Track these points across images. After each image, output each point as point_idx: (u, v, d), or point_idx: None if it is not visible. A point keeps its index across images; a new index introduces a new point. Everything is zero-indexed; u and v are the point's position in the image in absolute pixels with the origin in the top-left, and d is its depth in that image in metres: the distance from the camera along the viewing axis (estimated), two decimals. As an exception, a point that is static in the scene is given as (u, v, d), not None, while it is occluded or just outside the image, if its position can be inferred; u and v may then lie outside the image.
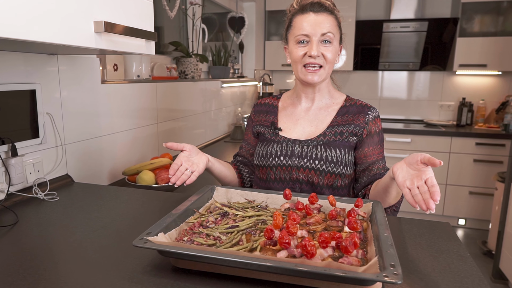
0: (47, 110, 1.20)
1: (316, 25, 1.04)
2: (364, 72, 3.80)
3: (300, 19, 1.06)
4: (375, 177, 1.07)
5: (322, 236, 0.66)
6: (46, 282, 0.67)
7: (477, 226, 3.21)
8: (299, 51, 1.06)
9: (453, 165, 3.13)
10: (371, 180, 1.08)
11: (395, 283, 0.55)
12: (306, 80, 1.07)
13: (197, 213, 0.88)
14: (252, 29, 3.38)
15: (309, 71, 1.05)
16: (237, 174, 1.24)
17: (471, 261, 0.76)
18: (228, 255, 0.63)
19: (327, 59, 1.05)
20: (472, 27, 3.23)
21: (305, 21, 1.05)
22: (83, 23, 0.83)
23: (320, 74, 1.06)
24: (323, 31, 1.04)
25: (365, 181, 1.08)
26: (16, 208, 1.04)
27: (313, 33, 1.04)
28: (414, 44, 3.40)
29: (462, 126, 3.36)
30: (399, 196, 0.99)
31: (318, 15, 1.05)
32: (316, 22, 1.04)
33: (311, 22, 1.04)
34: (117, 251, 0.79)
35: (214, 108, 2.61)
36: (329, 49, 1.05)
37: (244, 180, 1.25)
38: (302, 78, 1.08)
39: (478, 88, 3.49)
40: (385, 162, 1.11)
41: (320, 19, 1.05)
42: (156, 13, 2.03)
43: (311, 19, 1.05)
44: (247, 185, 1.27)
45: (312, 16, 1.05)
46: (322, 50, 1.04)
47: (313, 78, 1.06)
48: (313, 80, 1.06)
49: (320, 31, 1.04)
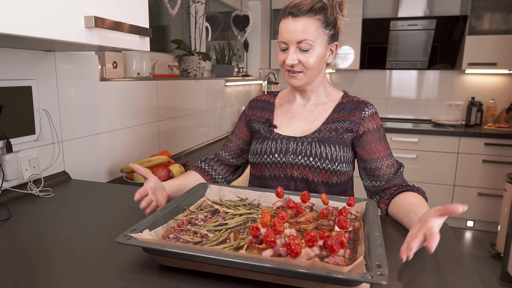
0: (44, 106, 1.21)
1: (292, 33, 1.00)
2: (371, 71, 3.75)
3: (281, 25, 1.04)
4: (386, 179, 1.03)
5: (308, 235, 0.64)
6: (29, 277, 0.66)
7: (485, 228, 3.15)
8: (280, 57, 1.06)
9: (461, 165, 3.07)
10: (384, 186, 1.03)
11: (380, 283, 0.53)
12: (289, 84, 1.08)
13: (187, 211, 0.87)
14: (257, 28, 3.36)
15: (290, 75, 1.05)
16: (207, 179, 1.18)
17: (466, 262, 0.73)
18: (211, 253, 0.61)
19: (306, 65, 1.02)
20: (482, 25, 3.16)
21: (283, 27, 1.03)
22: (73, 18, 0.82)
23: (300, 79, 1.05)
24: (299, 39, 1.00)
25: (379, 183, 1.04)
26: (10, 204, 1.04)
27: (289, 41, 1.02)
28: (422, 43, 3.34)
29: (471, 126, 3.30)
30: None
31: (296, 21, 1.01)
32: (294, 29, 1.00)
33: (289, 29, 1.01)
34: (104, 248, 0.78)
35: (217, 107, 2.60)
36: (307, 56, 1.01)
37: (216, 181, 1.20)
38: (287, 81, 1.09)
39: (487, 87, 3.42)
40: (393, 158, 1.07)
41: (297, 25, 1.00)
42: (162, 12, 2.04)
43: (289, 26, 1.01)
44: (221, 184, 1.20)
45: (290, 21, 1.01)
46: (299, 57, 1.02)
47: (295, 82, 1.06)
48: (295, 84, 1.06)
49: (295, 38, 1.00)
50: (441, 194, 3.13)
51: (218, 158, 1.22)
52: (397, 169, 1.04)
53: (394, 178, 1.03)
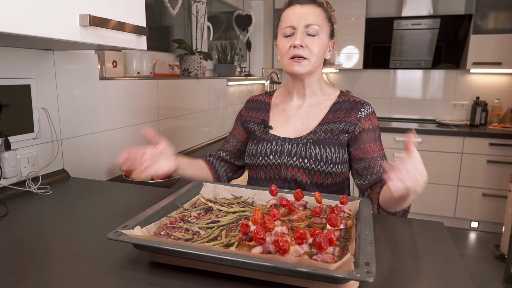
0: (43, 105, 1.22)
1: (301, 16, 1.03)
2: (374, 71, 3.73)
3: (287, 12, 1.06)
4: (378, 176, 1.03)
5: (298, 232, 0.64)
6: (21, 273, 0.67)
7: (490, 229, 3.11)
8: (285, 43, 1.05)
9: (465, 166, 3.04)
10: (375, 180, 1.03)
11: (367, 281, 0.53)
12: (292, 71, 1.04)
13: (180, 208, 0.87)
14: (260, 28, 3.36)
15: (295, 61, 1.03)
16: (212, 173, 1.21)
17: (459, 261, 0.72)
18: (200, 249, 0.61)
19: (312, 51, 1.03)
20: (487, 24, 3.13)
21: (290, 13, 1.05)
22: (68, 17, 0.83)
23: (304, 65, 1.03)
24: (308, 22, 1.02)
25: (369, 180, 1.04)
26: (8, 201, 1.05)
27: (297, 24, 1.02)
28: (427, 42, 3.32)
29: (476, 126, 3.26)
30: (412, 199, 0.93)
31: (304, 7, 1.04)
32: (301, 13, 1.03)
33: (296, 13, 1.04)
34: (97, 244, 0.79)
35: (219, 106, 2.61)
36: (314, 41, 1.03)
37: (220, 177, 1.22)
38: (288, 70, 1.05)
39: (492, 87, 3.38)
40: (387, 159, 1.06)
41: (305, 10, 1.04)
42: (165, 11, 2.04)
43: (296, 11, 1.04)
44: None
45: (298, 7, 1.05)
46: (307, 42, 1.02)
47: (298, 69, 1.03)
48: (298, 71, 1.03)
49: (304, 22, 1.02)
50: (445, 194, 3.10)
51: (219, 155, 1.24)
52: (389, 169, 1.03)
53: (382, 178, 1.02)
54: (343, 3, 3.42)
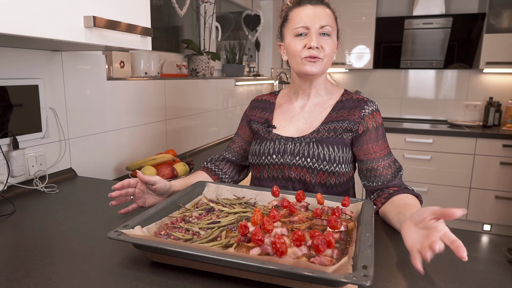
0: (51, 105, 1.24)
1: (315, 17, 1.02)
2: (385, 71, 3.68)
3: (298, 12, 1.05)
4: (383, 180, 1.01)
5: (296, 234, 0.63)
6: (24, 270, 0.68)
7: (503, 232, 3.04)
8: (297, 44, 1.03)
9: (478, 167, 2.98)
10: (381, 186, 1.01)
11: (363, 284, 0.52)
12: (305, 71, 1.03)
13: (182, 208, 0.87)
14: (269, 28, 3.35)
15: (310, 61, 1.02)
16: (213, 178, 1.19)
17: (462, 266, 0.71)
18: (198, 250, 0.61)
19: (326, 52, 1.03)
20: (501, 23, 3.06)
21: (303, 13, 1.03)
22: (72, 18, 0.84)
23: (318, 65, 1.03)
24: (322, 23, 1.02)
25: (374, 183, 1.03)
26: (16, 199, 1.07)
27: (312, 25, 1.02)
28: (439, 42, 3.26)
29: (489, 127, 3.20)
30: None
31: (316, 7, 1.04)
32: (315, 14, 1.02)
33: (310, 14, 1.03)
34: (99, 243, 0.80)
35: (228, 106, 2.61)
36: (328, 42, 1.03)
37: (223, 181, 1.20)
38: (301, 70, 1.04)
39: (506, 87, 3.31)
40: (392, 157, 1.04)
41: (318, 11, 1.03)
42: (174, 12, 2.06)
43: (309, 11, 1.03)
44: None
45: (310, 8, 1.04)
46: (321, 42, 1.02)
47: (312, 69, 1.02)
48: (312, 71, 1.02)
49: (319, 23, 1.02)
50: (456, 197, 3.05)
51: (223, 157, 1.23)
52: (395, 170, 1.01)
53: (392, 180, 1.00)
54: (353, 3, 3.39)
